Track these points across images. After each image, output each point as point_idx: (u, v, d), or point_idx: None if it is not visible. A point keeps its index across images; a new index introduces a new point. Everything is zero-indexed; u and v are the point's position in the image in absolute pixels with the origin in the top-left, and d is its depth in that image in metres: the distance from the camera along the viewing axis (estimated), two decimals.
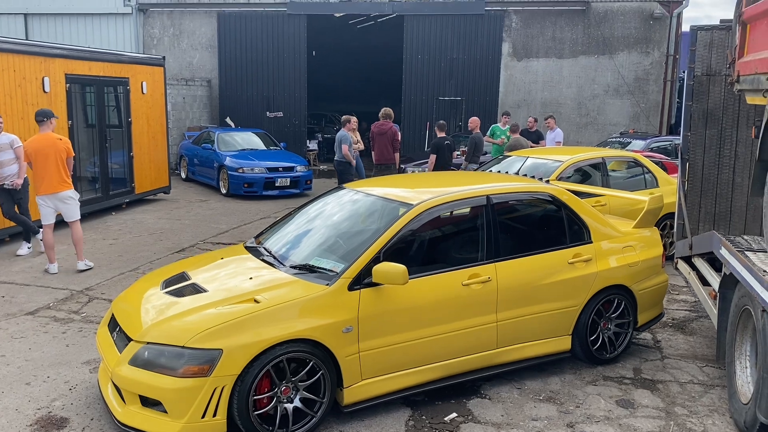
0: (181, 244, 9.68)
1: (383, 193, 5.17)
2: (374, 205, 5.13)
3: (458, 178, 6.22)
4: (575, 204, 5.41)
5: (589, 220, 5.41)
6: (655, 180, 9.12)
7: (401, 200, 4.88)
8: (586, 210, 5.47)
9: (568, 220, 5.32)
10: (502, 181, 5.62)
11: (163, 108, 13.38)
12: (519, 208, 5.35)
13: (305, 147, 20.34)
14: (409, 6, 19.07)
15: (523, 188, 5.33)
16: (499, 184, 5.35)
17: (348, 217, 5.23)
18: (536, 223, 5.42)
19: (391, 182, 5.92)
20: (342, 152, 11.97)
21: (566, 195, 5.41)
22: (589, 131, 18.99)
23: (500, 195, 5.10)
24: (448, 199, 4.86)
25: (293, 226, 5.37)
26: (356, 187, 5.59)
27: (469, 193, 4.99)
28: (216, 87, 20.38)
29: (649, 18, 18.29)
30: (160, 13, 20.44)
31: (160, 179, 13.39)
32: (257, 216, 12.01)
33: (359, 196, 5.32)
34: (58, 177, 7.82)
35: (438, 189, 5.26)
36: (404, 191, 5.22)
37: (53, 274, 7.85)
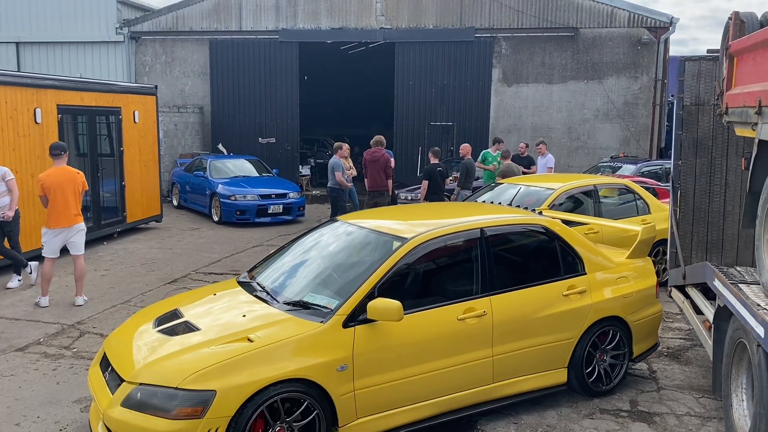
0: (173, 274, 9.62)
1: (377, 226, 5.17)
2: (368, 238, 5.12)
3: (451, 210, 6.23)
4: (568, 235, 5.42)
5: (583, 251, 5.42)
6: (647, 206, 9.17)
7: (395, 234, 4.87)
8: (580, 241, 5.48)
9: (562, 252, 5.33)
10: (495, 213, 5.64)
11: (155, 137, 13.39)
12: (513, 240, 5.35)
13: (298, 172, 20.38)
14: (400, 34, 19.25)
15: (516, 220, 5.34)
16: (493, 216, 5.36)
17: (342, 250, 5.22)
18: (530, 255, 5.42)
19: (384, 214, 5.92)
20: (336, 179, 12.00)
21: (559, 226, 5.43)
22: (580, 155, 19.12)
23: (494, 227, 5.11)
24: (442, 232, 4.86)
25: (286, 260, 5.35)
26: (349, 219, 5.59)
27: (462, 225, 5.00)
28: (208, 114, 20.43)
29: (636, 43, 18.54)
30: (152, 41, 20.54)
31: (151, 208, 13.34)
32: (250, 244, 11.97)
33: (353, 228, 5.31)
34: (75, 210, 7.84)
35: (431, 221, 5.27)
36: (398, 224, 5.23)
37: (44, 307, 7.77)
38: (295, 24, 19.71)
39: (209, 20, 20.06)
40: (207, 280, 9.27)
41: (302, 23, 19.70)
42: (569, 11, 18.64)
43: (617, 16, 18.49)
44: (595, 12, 18.55)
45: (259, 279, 5.19)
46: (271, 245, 11.85)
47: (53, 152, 7.87)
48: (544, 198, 8.42)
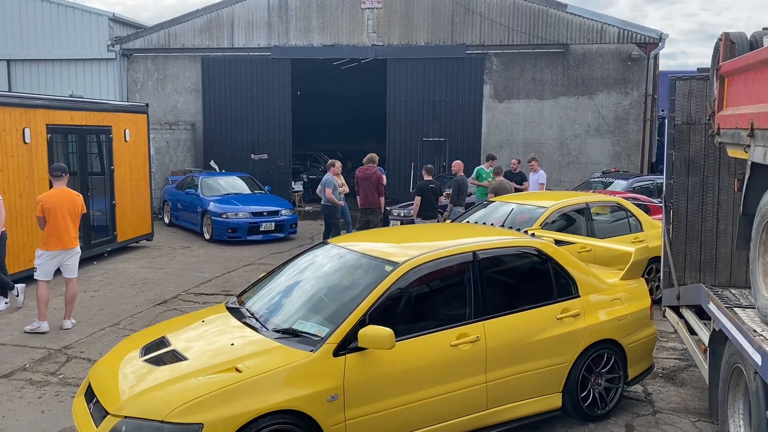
0: (163, 295, 9.51)
1: (368, 250, 5.11)
2: (359, 262, 5.05)
3: (442, 232, 6.17)
4: (562, 257, 5.37)
5: (576, 273, 5.37)
6: (639, 224, 9.15)
7: (386, 258, 4.81)
8: (573, 263, 5.43)
9: (555, 274, 5.27)
10: (487, 235, 5.59)
11: (146, 155, 13.32)
12: (506, 263, 5.29)
13: (290, 188, 20.32)
14: (392, 50, 19.30)
15: (508, 242, 5.29)
16: (485, 239, 5.31)
17: (332, 274, 5.16)
18: (523, 278, 5.36)
19: (375, 236, 5.87)
20: (327, 196, 11.96)
21: (551, 248, 5.38)
22: (572, 170, 19.15)
23: (486, 250, 5.05)
24: (434, 256, 4.80)
25: (276, 285, 5.27)
26: (340, 242, 5.52)
27: (455, 249, 4.94)
28: (200, 130, 20.38)
29: (626, 59, 18.64)
30: (144, 58, 20.52)
31: (142, 226, 13.24)
32: (241, 263, 11.87)
33: (343, 252, 5.24)
34: (74, 232, 7.75)
35: (423, 244, 5.22)
36: (389, 247, 5.17)
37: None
38: (287, 41, 19.74)
39: (201, 37, 20.06)
40: (197, 301, 9.17)
41: (294, 40, 19.73)
42: (559, 28, 18.74)
43: (607, 33, 18.60)
44: (585, 28, 18.66)
45: (248, 304, 5.11)
46: (263, 264, 11.76)
47: (54, 173, 7.80)
48: (536, 216, 8.38)
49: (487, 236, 5.53)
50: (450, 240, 5.49)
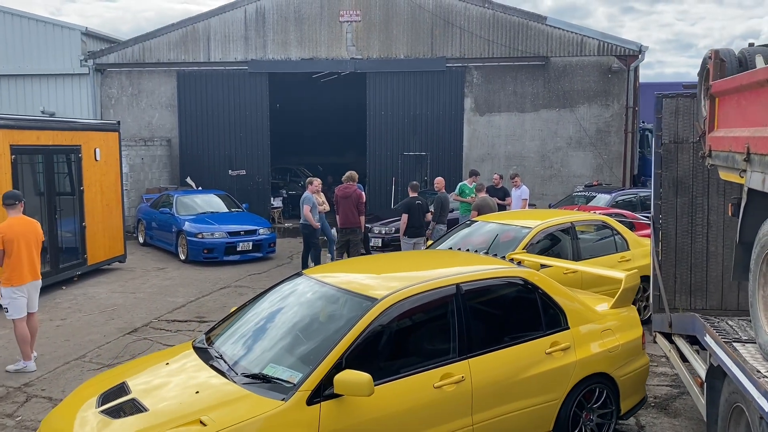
0: (133, 323, 9.09)
1: (345, 283, 4.79)
2: (335, 297, 4.73)
3: (422, 260, 5.84)
4: (549, 286, 5.10)
5: (565, 303, 5.10)
6: (625, 242, 8.93)
7: (364, 293, 4.49)
8: (561, 292, 5.16)
9: (543, 305, 5.00)
10: (469, 264, 5.31)
11: (117, 174, 12.89)
12: (491, 294, 4.99)
13: (269, 205, 19.94)
14: (371, 64, 19.07)
15: (493, 272, 5.00)
16: (468, 269, 5.01)
17: (307, 310, 4.83)
18: (510, 310, 5.06)
19: (352, 266, 5.55)
20: (304, 213, 11.64)
21: (538, 277, 5.11)
22: (554, 183, 19.00)
23: (470, 282, 4.76)
24: (414, 291, 4.49)
25: (247, 322, 4.93)
26: (315, 273, 5.19)
27: (437, 282, 4.64)
28: (176, 146, 19.96)
29: (607, 71, 18.57)
30: (118, 73, 20.09)
31: (114, 248, 12.80)
32: (217, 286, 11.48)
33: (318, 286, 4.91)
34: (38, 263, 7.30)
35: (402, 275, 4.93)
36: (367, 279, 4.87)
37: (32, 372, 7.13)
38: (265, 55, 19.43)
39: (176, 51, 19.69)
40: (169, 329, 8.77)
41: (272, 54, 19.42)
42: (539, 40, 18.64)
43: (587, 45, 18.53)
44: (565, 41, 18.58)
45: (217, 343, 4.76)
46: (240, 286, 11.39)
47: (6, 202, 7.26)
48: (520, 237, 8.12)
49: (470, 265, 5.24)
50: (430, 270, 5.20)
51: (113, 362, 7.41)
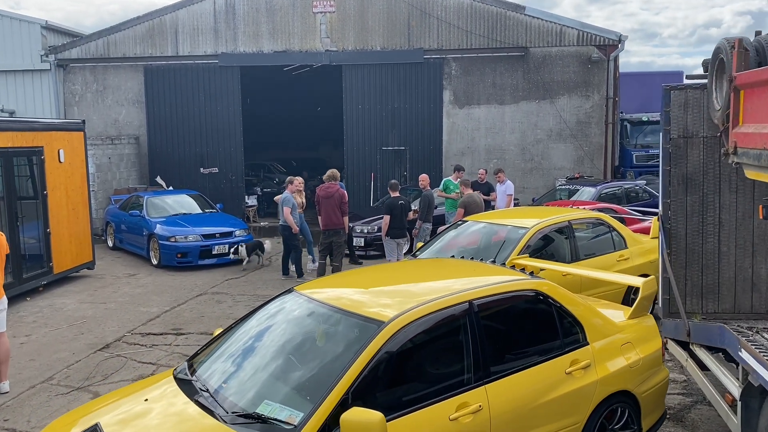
0: (105, 337, 8.48)
1: (344, 303, 4.28)
2: (334, 318, 4.24)
3: (424, 273, 5.32)
4: (565, 298, 4.67)
5: (583, 316, 4.68)
6: (622, 240, 8.57)
7: (367, 315, 4.00)
8: (578, 304, 4.74)
9: (560, 320, 4.57)
10: (475, 274, 4.86)
11: (83, 176, 12.18)
12: (505, 311, 4.54)
13: (244, 203, 19.29)
14: (346, 56, 18.51)
15: (507, 286, 4.53)
16: (478, 281, 4.56)
17: (302, 335, 4.33)
18: (526, 328, 4.62)
19: (348, 281, 5.04)
20: (284, 215, 11.13)
21: (553, 288, 4.68)
22: (534, 176, 18.69)
23: (484, 298, 4.30)
24: (424, 311, 4.02)
25: (234, 347, 4.40)
26: (308, 290, 4.68)
27: (449, 300, 4.16)
28: (145, 144, 19.18)
29: (587, 62, 18.28)
30: (81, 69, 19.21)
31: (82, 254, 12.09)
32: (193, 292, 10.88)
33: (313, 306, 4.41)
34: (1, 279, 6.64)
35: (404, 289, 4.46)
36: (368, 297, 4.38)
37: (4, 393, 6.53)
38: (236, 47, 18.74)
39: (143, 45, 18.89)
40: (144, 344, 8.19)
41: (243, 47, 18.74)
42: (518, 31, 18.27)
43: (566, 35, 18.21)
44: (544, 31, 18.23)
45: (200, 372, 4.24)
46: (217, 293, 10.81)
47: None
48: (517, 239, 7.69)
49: (476, 276, 4.80)
50: (435, 283, 4.74)
51: (84, 384, 6.82)
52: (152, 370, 7.24)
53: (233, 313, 9.50)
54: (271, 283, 11.49)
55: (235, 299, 10.37)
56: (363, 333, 3.87)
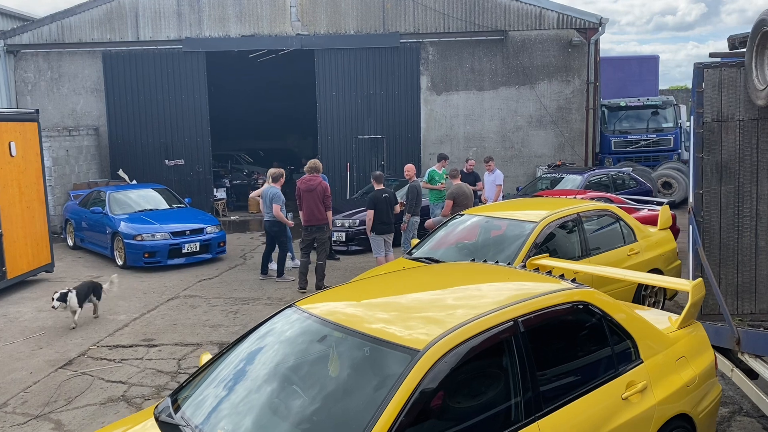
0: (67, 353, 7.58)
1: (361, 323, 3.54)
2: (352, 345, 3.49)
3: (449, 280, 4.53)
4: (614, 309, 4.02)
5: (635, 329, 4.04)
6: (632, 233, 8.00)
7: (398, 342, 3.27)
8: (627, 314, 4.10)
9: (612, 335, 3.92)
10: (514, 281, 4.18)
11: (39, 171, 11.14)
12: (553, 328, 3.83)
13: (212, 196, 18.33)
14: (318, 40, 17.63)
15: (554, 298, 3.81)
16: (519, 291, 3.87)
17: (312, 365, 3.59)
18: (575, 347, 3.93)
19: (359, 293, 4.29)
20: (273, 212, 10.32)
21: (601, 298, 4.03)
22: (515, 164, 18.15)
23: (530, 314, 3.61)
24: (466, 333, 3.30)
25: (227, 379, 3.63)
26: (312, 306, 3.90)
27: (491, 318, 3.45)
28: (105, 135, 18.04)
29: (567, 46, 17.76)
30: (34, 55, 17.95)
31: (40, 256, 11.08)
32: (164, 296, 10.00)
33: (321, 327, 3.65)
34: None
35: (430, 303, 3.77)
36: (391, 316, 3.64)
37: None
38: (201, 32, 17.70)
39: (101, 30, 17.72)
40: (112, 359, 7.33)
41: (209, 31, 17.72)
42: (496, 13, 17.65)
43: (546, 18, 17.66)
44: (523, 14, 17.64)
45: (187, 411, 3.47)
46: (190, 296, 9.95)
47: None
48: (525, 234, 7.04)
49: (512, 284, 4.12)
50: (464, 294, 4.04)
51: (44, 411, 5.96)
52: (123, 390, 6.41)
53: (210, 320, 8.69)
54: (248, 283, 10.68)
55: (211, 303, 9.54)
56: (393, 364, 3.15)
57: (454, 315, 3.50)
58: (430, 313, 3.59)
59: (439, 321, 3.42)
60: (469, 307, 3.62)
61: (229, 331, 8.19)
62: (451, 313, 3.56)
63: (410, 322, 3.50)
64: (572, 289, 3.97)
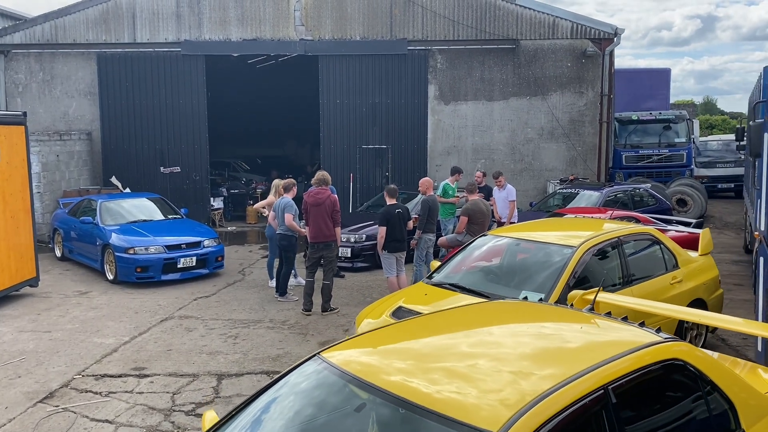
0: (48, 383, 6.80)
1: (413, 391, 2.79)
2: (400, 419, 2.75)
3: (506, 325, 3.80)
4: (710, 367, 3.31)
5: (733, 390, 3.32)
6: (674, 258, 7.29)
7: (466, 421, 2.53)
8: (724, 372, 3.38)
9: (710, 400, 3.20)
10: (579, 322, 3.46)
11: (25, 178, 10.36)
12: (645, 394, 3.10)
13: (209, 206, 17.56)
14: (323, 46, 16.95)
15: (645, 356, 3.05)
16: (600, 346, 3.16)
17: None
18: (668, 417, 3.19)
19: (391, 337, 3.52)
20: (286, 221, 9.57)
21: (694, 353, 3.31)
22: (525, 178, 17.47)
23: (621, 379, 2.88)
24: (551, 407, 2.57)
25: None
26: (344, 361, 3.16)
27: (579, 386, 2.73)
28: (98, 140, 17.28)
29: (581, 56, 17.13)
30: (25, 56, 17.21)
31: (23, 270, 10.29)
32: (156, 316, 9.23)
33: (358, 390, 2.92)
34: None
35: (495, 357, 3.04)
36: (446, 377, 2.91)
37: None
38: (200, 35, 17.00)
39: (96, 31, 16.99)
40: (99, 391, 6.55)
41: (209, 34, 17.01)
42: (508, 21, 17.02)
43: (559, 27, 17.04)
44: (536, 22, 17.02)
45: None
46: (186, 317, 9.18)
47: None
48: (563, 261, 6.32)
49: (584, 332, 3.39)
50: (530, 345, 3.31)
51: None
52: (109, 431, 5.64)
53: (207, 346, 7.92)
54: (247, 303, 9.92)
55: (208, 325, 8.78)
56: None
57: (529, 381, 2.76)
58: (497, 378, 2.85)
59: (513, 385, 2.69)
60: (542, 370, 2.88)
61: (228, 359, 7.43)
62: (524, 379, 2.82)
63: (474, 392, 2.75)
64: (665, 342, 3.24)
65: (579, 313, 3.88)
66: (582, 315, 3.82)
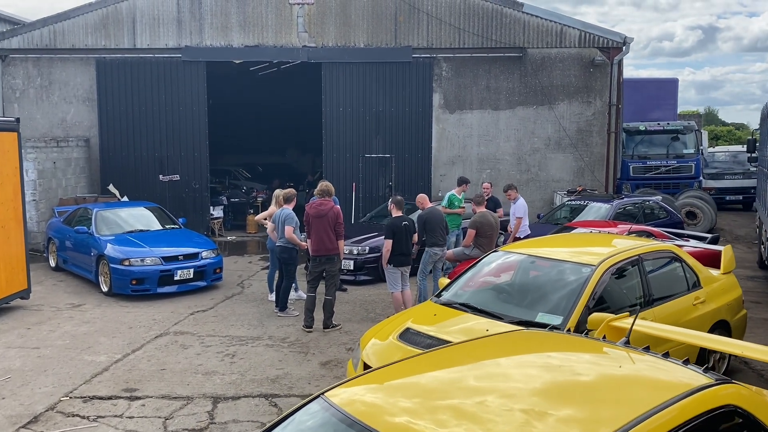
0: (33, 405, 6.41)
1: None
2: None
3: (531, 365, 3.38)
4: (765, 413, 2.92)
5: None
6: (696, 278, 6.91)
7: None
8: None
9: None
10: (616, 361, 3.07)
11: (17, 186, 10.01)
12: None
13: (209, 215, 17.20)
14: (326, 52, 16.63)
15: (698, 403, 2.69)
16: (633, 378, 2.77)
17: None
18: None
19: (419, 379, 3.15)
20: (285, 234, 9.19)
21: (749, 398, 2.92)
22: (531, 189, 17.09)
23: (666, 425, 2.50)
24: None
25: None
26: (358, 409, 2.78)
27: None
28: (96, 147, 16.93)
29: (589, 65, 16.80)
30: (23, 60, 16.89)
31: (14, 282, 9.91)
32: (151, 332, 8.84)
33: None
34: None
35: (514, 392, 2.66)
36: None
37: None
38: (202, 41, 16.68)
39: (96, 36, 16.68)
40: (87, 415, 6.16)
41: (210, 40, 16.70)
42: (515, 29, 16.70)
43: (567, 35, 16.72)
44: (543, 30, 16.70)
45: None
46: (182, 333, 8.79)
47: None
48: (581, 280, 5.93)
49: (623, 371, 3.01)
50: (559, 373, 2.93)
51: None
52: None
53: (203, 365, 7.53)
54: (246, 318, 9.53)
55: (204, 342, 8.38)
56: None
57: None
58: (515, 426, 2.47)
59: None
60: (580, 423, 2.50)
61: (225, 380, 7.04)
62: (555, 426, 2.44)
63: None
64: (717, 385, 2.86)
65: (613, 346, 3.47)
66: (616, 349, 3.42)
